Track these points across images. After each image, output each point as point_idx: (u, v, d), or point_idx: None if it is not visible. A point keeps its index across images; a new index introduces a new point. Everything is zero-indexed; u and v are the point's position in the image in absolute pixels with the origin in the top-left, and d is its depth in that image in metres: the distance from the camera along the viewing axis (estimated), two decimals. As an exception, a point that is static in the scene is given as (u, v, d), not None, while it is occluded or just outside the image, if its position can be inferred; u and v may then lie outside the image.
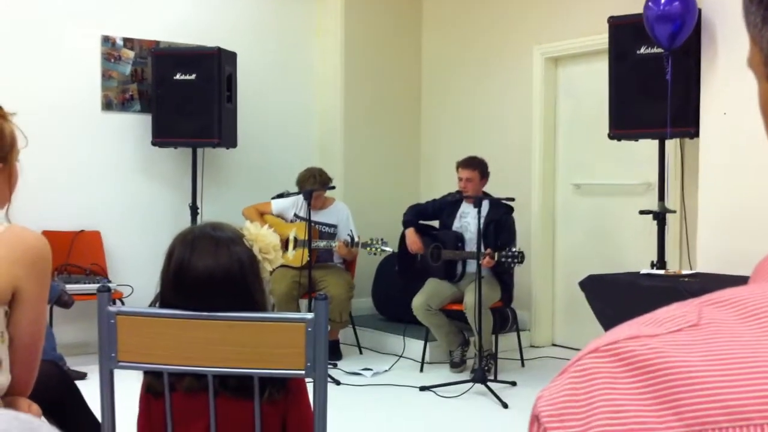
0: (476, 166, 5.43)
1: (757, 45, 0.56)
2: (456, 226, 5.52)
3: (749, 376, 0.43)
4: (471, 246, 5.27)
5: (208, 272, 1.86)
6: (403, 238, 5.74)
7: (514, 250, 5.03)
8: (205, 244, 1.89)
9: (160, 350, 1.85)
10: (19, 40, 5.65)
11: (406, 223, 5.69)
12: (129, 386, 2.26)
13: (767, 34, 0.53)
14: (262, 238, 1.96)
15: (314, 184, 5.66)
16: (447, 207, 5.59)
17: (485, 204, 5.37)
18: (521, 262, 5.04)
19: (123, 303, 5.41)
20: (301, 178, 5.79)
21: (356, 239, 5.69)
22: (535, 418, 0.48)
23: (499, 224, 5.34)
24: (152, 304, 5.57)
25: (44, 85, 5.70)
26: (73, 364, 4.93)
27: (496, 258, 5.03)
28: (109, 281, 5.51)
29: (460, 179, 5.44)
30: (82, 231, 5.78)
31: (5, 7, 5.62)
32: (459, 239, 5.45)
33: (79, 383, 3.16)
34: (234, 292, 1.87)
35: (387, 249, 5.69)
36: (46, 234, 5.43)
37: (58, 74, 5.77)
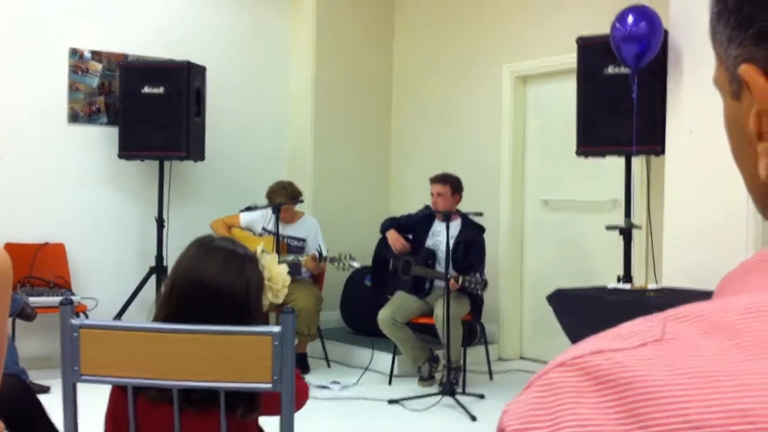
0: (447, 181, 5.45)
1: (723, 64, 0.56)
2: (428, 243, 5.53)
3: (712, 391, 0.43)
4: (443, 264, 5.27)
5: (217, 281, 1.88)
6: (378, 246, 5.75)
7: (478, 276, 5.05)
8: (222, 254, 1.94)
9: (123, 363, 1.83)
10: (-16, 49, 5.59)
11: (386, 227, 5.69)
12: (92, 400, 2.23)
13: (733, 52, 0.54)
14: (275, 269, 2.00)
15: (283, 197, 5.64)
16: (420, 224, 5.60)
17: (457, 224, 5.40)
18: (483, 289, 5.08)
19: (87, 316, 5.34)
20: (270, 190, 5.78)
21: (324, 254, 5.67)
22: (501, 432, 0.48)
23: (469, 245, 5.36)
24: (119, 316, 5.51)
25: (10, 96, 5.64)
26: (36, 377, 4.86)
27: (460, 282, 5.05)
28: (73, 294, 5.44)
29: (432, 194, 5.46)
30: (46, 243, 5.70)
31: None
32: (431, 256, 5.46)
33: (42, 397, 3.12)
34: (235, 309, 1.89)
35: (355, 264, 5.67)
36: (9, 246, 5.38)
37: (24, 86, 5.70)
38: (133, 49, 6.13)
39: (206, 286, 1.89)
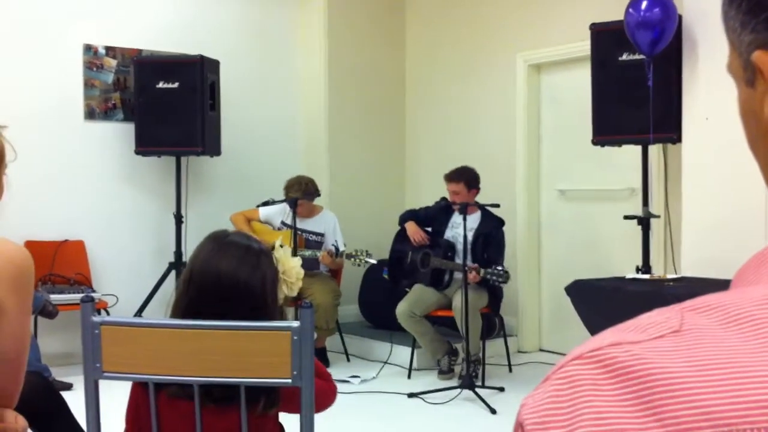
0: (461, 177, 5.38)
1: (736, 50, 0.56)
2: (447, 235, 5.51)
3: (731, 382, 0.43)
4: (461, 256, 5.25)
5: (231, 276, 1.88)
6: (395, 239, 5.75)
7: (500, 268, 5.01)
8: (236, 249, 1.93)
9: (144, 360, 1.84)
10: (0, 49, 5.62)
11: (405, 219, 5.68)
12: (114, 396, 2.24)
13: (746, 38, 0.54)
14: (288, 261, 1.99)
15: (298, 192, 5.65)
16: (438, 216, 5.58)
17: (477, 216, 5.37)
18: (506, 281, 5.04)
19: (108, 313, 5.38)
20: (287, 184, 5.79)
21: (341, 249, 5.68)
22: (519, 426, 0.48)
23: (488, 238, 5.33)
24: (139, 312, 5.53)
25: (26, 94, 5.67)
26: (59, 374, 4.90)
27: (481, 274, 5.02)
28: (94, 291, 5.48)
29: (449, 192, 5.44)
30: (65, 241, 5.74)
31: (-13, 16, 5.60)
32: (450, 248, 5.44)
33: (64, 394, 3.14)
34: (252, 303, 1.89)
35: (371, 260, 5.67)
36: (30, 244, 5.42)
37: (40, 83, 5.74)
38: (146, 44, 6.15)
39: (222, 281, 1.90)
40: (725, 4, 0.56)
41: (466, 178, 5.38)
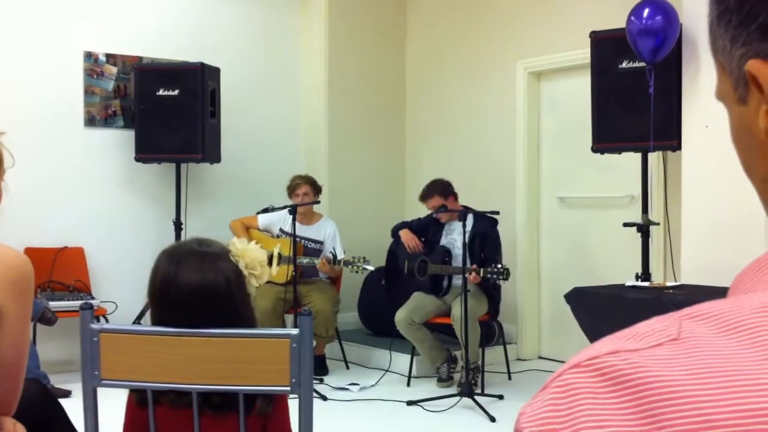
0: (433, 191, 5.45)
1: (726, 71, 0.55)
2: (443, 242, 5.52)
3: (730, 391, 0.43)
4: (458, 261, 5.27)
5: (193, 288, 1.86)
6: (390, 250, 5.75)
7: (499, 266, 5.03)
8: (191, 260, 1.90)
9: (143, 368, 1.84)
10: (0, 56, 5.62)
11: (398, 228, 5.69)
12: (113, 404, 2.24)
13: (737, 52, 0.53)
14: (248, 253, 1.96)
15: (303, 180, 5.73)
16: (432, 224, 5.59)
17: (470, 218, 5.38)
18: (506, 278, 5.04)
19: (107, 320, 5.38)
20: (292, 182, 5.84)
21: (339, 257, 5.68)
22: (518, 434, 0.48)
23: (484, 238, 5.34)
24: (138, 320, 5.52)
25: (26, 101, 5.68)
26: (57, 381, 4.89)
27: (481, 274, 5.02)
28: (93, 298, 5.47)
29: (431, 210, 5.49)
30: (65, 247, 5.74)
31: (-13, 23, 5.61)
32: (447, 254, 5.45)
33: (63, 401, 3.13)
34: (220, 308, 1.87)
35: (369, 267, 5.66)
36: (29, 251, 5.42)
37: (40, 90, 5.74)
38: (146, 51, 6.16)
39: (189, 295, 1.87)
40: (713, 23, 0.55)
41: (437, 190, 5.45)
